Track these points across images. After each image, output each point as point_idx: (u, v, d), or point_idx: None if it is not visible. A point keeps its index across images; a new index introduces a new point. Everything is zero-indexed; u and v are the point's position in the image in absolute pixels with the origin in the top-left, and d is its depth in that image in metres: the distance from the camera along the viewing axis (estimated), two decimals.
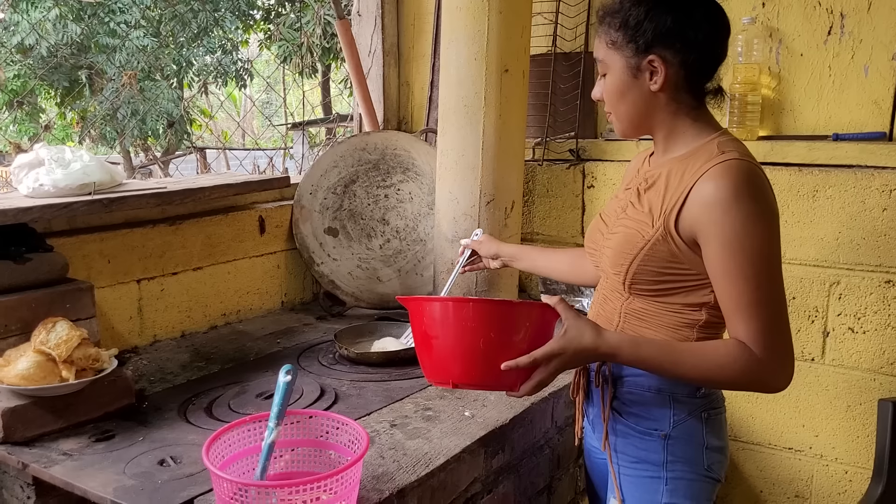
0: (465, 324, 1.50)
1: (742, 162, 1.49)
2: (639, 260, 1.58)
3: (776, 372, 1.47)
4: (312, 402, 2.00)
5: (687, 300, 1.58)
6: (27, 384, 1.72)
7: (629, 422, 1.68)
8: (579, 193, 2.98)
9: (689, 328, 1.60)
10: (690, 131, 1.62)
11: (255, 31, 13.65)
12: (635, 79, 1.59)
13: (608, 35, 1.60)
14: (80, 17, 11.39)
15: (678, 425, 1.63)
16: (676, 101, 1.61)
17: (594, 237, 1.80)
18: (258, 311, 2.88)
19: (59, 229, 2.27)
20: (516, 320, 1.51)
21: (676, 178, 1.56)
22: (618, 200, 1.76)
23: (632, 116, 1.64)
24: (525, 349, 1.49)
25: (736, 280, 1.46)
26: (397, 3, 3.44)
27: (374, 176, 3.05)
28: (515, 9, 2.51)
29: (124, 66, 11.06)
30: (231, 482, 1.32)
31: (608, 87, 1.64)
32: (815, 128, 2.54)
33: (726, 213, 1.45)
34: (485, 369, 1.50)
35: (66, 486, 1.59)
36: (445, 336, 1.54)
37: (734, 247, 1.45)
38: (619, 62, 1.60)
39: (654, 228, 1.56)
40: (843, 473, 2.56)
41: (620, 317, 1.68)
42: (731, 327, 1.50)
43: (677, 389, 1.63)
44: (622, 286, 1.65)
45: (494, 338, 1.49)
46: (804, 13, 2.51)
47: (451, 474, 1.75)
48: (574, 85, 2.94)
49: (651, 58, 1.56)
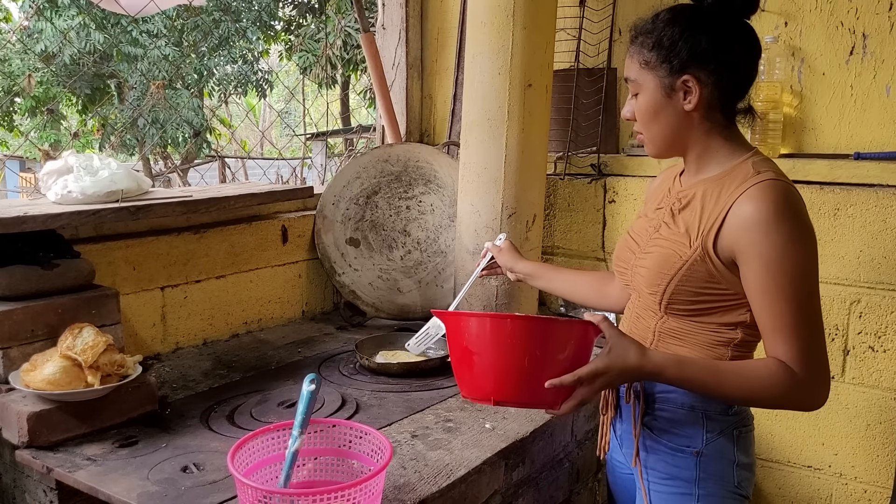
0: (509, 341, 1.48)
1: (779, 182, 1.49)
2: (676, 280, 1.58)
3: (815, 391, 1.48)
4: (334, 412, 2.01)
5: (723, 319, 1.58)
6: (53, 389, 1.74)
7: (661, 438, 1.67)
8: (600, 208, 2.98)
9: (725, 346, 1.60)
10: (723, 151, 1.62)
11: (275, 41, 13.74)
12: (669, 98, 1.59)
13: (641, 55, 1.60)
14: (103, 26, 11.50)
15: (710, 442, 1.63)
16: (709, 121, 1.61)
17: (623, 255, 1.78)
18: (279, 320, 2.90)
19: (86, 236, 2.29)
20: (561, 338, 1.49)
21: (712, 198, 1.56)
22: (648, 219, 1.75)
23: (665, 136, 1.63)
24: (568, 367, 1.47)
25: (777, 300, 1.47)
26: (421, 16, 3.47)
27: (396, 187, 3.07)
28: (540, 24, 2.53)
29: (146, 75, 11.15)
30: (256, 489, 1.33)
31: (641, 107, 1.62)
32: (837, 146, 2.54)
33: (767, 235, 1.45)
34: (527, 387, 1.48)
35: (91, 490, 1.61)
36: (487, 353, 1.51)
37: (775, 268, 1.46)
38: (652, 82, 1.59)
39: (692, 249, 1.56)
40: (862, 492, 2.54)
41: (655, 335, 1.67)
42: (770, 346, 1.50)
43: (710, 407, 1.62)
44: (657, 305, 1.64)
45: (539, 356, 1.47)
46: (826, 33, 2.52)
47: (471, 486, 1.75)
48: (596, 100, 2.95)
49: (685, 78, 1.56)
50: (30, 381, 1.76)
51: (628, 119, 1.68)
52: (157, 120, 11.53)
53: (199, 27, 11.98)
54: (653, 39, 1.58)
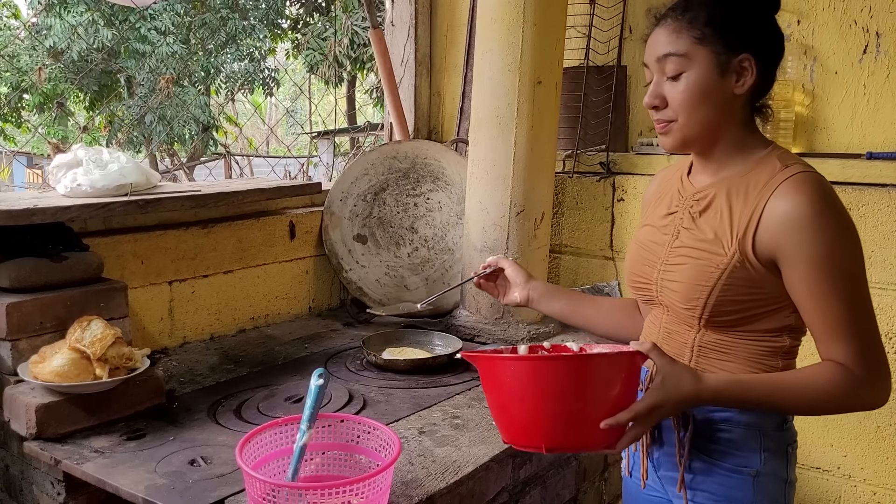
0: (558, 385, 1.36)
1: (812, 175, 1.42)
2: (717, 291, 1.47)
3: (879, 389, 1.42)
4: (341, 408, 2.00)
5: (767, 326, 1.49)
6: (61, 381, 1.74)
7: (715, 460, 1.55)
8: (609, 206, 2.97)
9: (773, 356, 1.50)
10: (747, 146, 1.52)
11: (283, 40, 13.75)
12: (721, 78, 1.45)
13: (693, 28, 1.45)
14: (112, 23, 11.52)
15: (767, 461, 1.53)
16: (745, 110, 1.51)
17: (640, 270, 1.65)
18: (286, 315, 2.90)
19: (95, 229, 2.29)
20: (611, 374, 1.38)
21: (739, 197, 1.47)
22: (658, 228, 1.63)
23: (706, 123, 1.49)
24: (620, 401, 1.37)
25: (829, 300, 1.39)
26: (430, 13, 3.46)
27: (404, 184, 3.06)
28: (550, 21, 2.53)
29: (154, 72, 11.17)
30: (264, 482, 1.33)
31: (690, 86, 1.46)
32: (849, 146, 2.52)
33: (812, 232, 1.37)
34: (582, 430, 1.38)
35: (98, 483, 1.61)
36: (534, 399, 1.37)
37: (825, 267, 1.38)
38: (707, 59, 1.44)
39: (729, 255, 1.45)
40: (871, 494, 2.53)
41: (693, 352, 1.56)
42: (824, 349, 1.43)
43: (766, 423, 1.53)
44: (695, 319, 1.53)
45: (591, 396, 1.36)
46: (839, 31, 2.51)
47: (479, 483, 1.75)
48: (606, 98, 2.94)
49: (743, 57, 1.44)
50: (38, 373, 1.76)
51: (654, 105, 1.51)
52: (164, 117, 11.55)
53: (207, 24, 11.99)
54: (707, 12, 1.45)
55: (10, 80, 12.10)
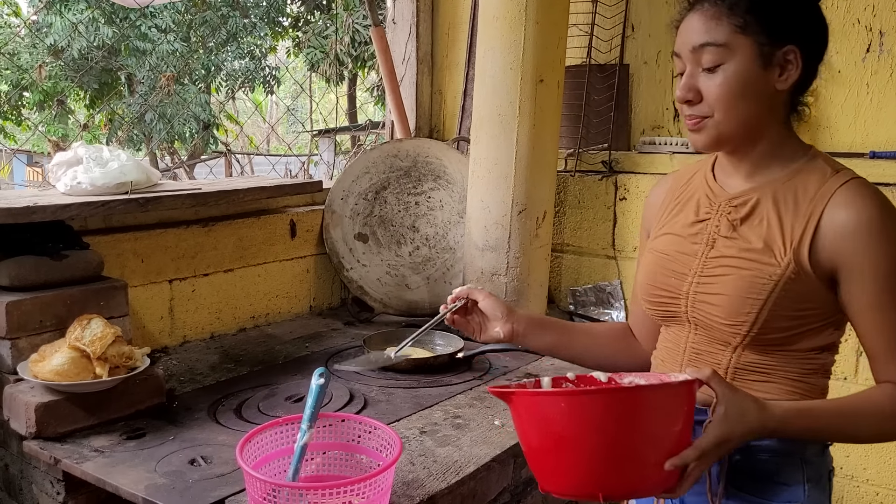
0: (620, 421, 1.18)
1: (866, 182, 1.33)
2: (770, 305, 1.33)
3: None
4: (341, 407, 2.00)
5: (812, 344, 1.37)
6: (61, 380, 1.73)
7: (753, 495, 1.40)
8: (611, 205, 2.97)
9: (816, 375, 1.39)
10: (787, 147, 1.40)
11: (283, 38, 13.76)
12: (763, 71, 1.33)
13: (733, 16, 1.31)
14: (112, 20, 11.52)
15: (811, 494, 1.39)
16: (786, 108, 1.39)
17: (665, 282, 1.49)
18: (287, 314, 2.89)
19: (95, 227, 2.29)
20: (675, 407, 1.22)
21: (788, 203, 1.36)
22: (686, 237, 1.48)
23: (746, 119, 1.36)
24: (684, 440, 1.22)
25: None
26: (432, 11, 3.45)
27: (406, 183, 3.05)
28: (552, 19, 2.52)
29: (154, 70, 11.18)
30: (265, 482, 1.32)
31: (729, 79, 1.33)
32: (852, 145, 2.52)
33: (878, 243, 1.28)
34: (642, 472, 1.21)
35: (98, 482, 1.60)
36: (590, 438, 1.19)
37: (893, 279, 1.29)
38: (749, 49, 1.31)
39: (783, 266, 1.33)
40: (874, 495, 2.52)
41: (728, 374, 1.41)
42: (882, 369, 1.34)
43: (808, 449, 1.39)
44: (737, 337, 1.38)
45: (653, 433, 1.20)
46: (842, 31, 2.50)
47: (480, 483, 1.74)
48: (608, 97, 2.93)
49: (789, 48, 1.32)
50: (38, 372, 1.75)
51: (688, 100, 1.38)
52: (165, 115, 11.55)
53: (208, 22, 12.00)
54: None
55: (10, 77, 12.10)
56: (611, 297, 2.94)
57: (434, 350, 2.43)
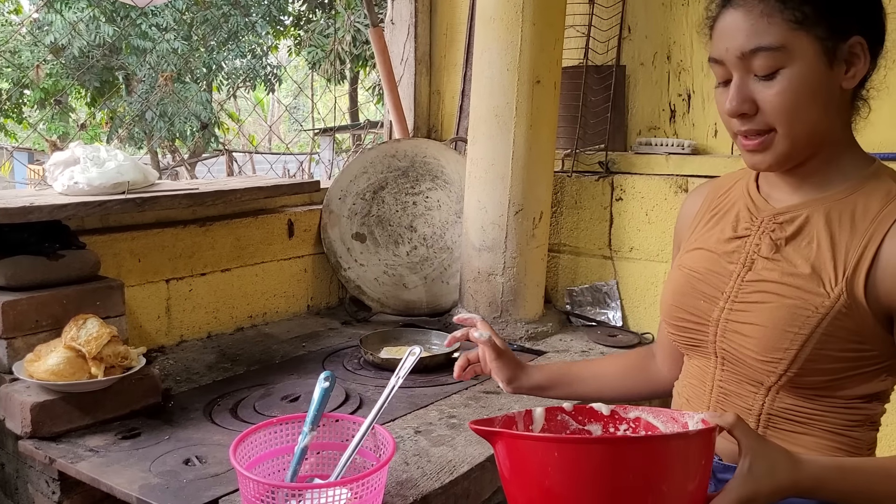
0: (617, 479, 0.99)
1: None
2: (814, 342, 1.15)
3: None
4: (337, 407, 2.00)
5: (859, 391, 1.19)
6: (56, 379, 1.74)
7: None
8: (607, 206, 2.97)
9: (862, 427, 1.21)
10: (849, 156, 1.22)
11: (285, 37, 13.76)
12: (830, 70, 1.14)
13: (787, 11, 1.12)
14: (113, 19, 11.53)
15: None
16: (850, 110, 1.22)
17: (692, 305, 1.32)
18: (284, 314, 2.89)
19: (92, 227, 2.29)
20: (692, 459, 1.02)
21: (843, 224, 1.17)
22: (725, 255, 1.30)
23: (816, 129, 1.16)
24: (696, 500, 1.03)
25: None
26: (430, 12, 3.46)
27: (403, 183, 3.06)
28: (549, 20, 2.52)
29: (155, 68, 11.19)
30: (257, 482, 1.32)
31: (790, 87, 1.13)
32: None
33: None
34: None
35: (93, 482, 1.61)
36: (590, 495, 1.00)
37: None
38: (810, 48, 1.12)
39: (833, 297, 1.14)
40: None
41: (760, 421, 1.24)
42: None
43: None
44: (772, 376, 1.20)
45: (666, 489, 1.00)
46: None
47: (474, 483, 1.74)
48: (605, 97, 2.94)
49: (854, 41, 1.14)
50: (33, 372, 1.76)
51: (743, 113, 1.17)
52: (166, 113, 11.57)
53: (209, 21, 12.01)
54: None
55: (11, 75, 12.11)
56: (607, 297, 2.94)
57: (430, 350, 2.43)
